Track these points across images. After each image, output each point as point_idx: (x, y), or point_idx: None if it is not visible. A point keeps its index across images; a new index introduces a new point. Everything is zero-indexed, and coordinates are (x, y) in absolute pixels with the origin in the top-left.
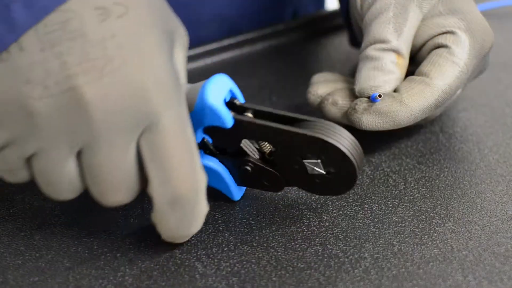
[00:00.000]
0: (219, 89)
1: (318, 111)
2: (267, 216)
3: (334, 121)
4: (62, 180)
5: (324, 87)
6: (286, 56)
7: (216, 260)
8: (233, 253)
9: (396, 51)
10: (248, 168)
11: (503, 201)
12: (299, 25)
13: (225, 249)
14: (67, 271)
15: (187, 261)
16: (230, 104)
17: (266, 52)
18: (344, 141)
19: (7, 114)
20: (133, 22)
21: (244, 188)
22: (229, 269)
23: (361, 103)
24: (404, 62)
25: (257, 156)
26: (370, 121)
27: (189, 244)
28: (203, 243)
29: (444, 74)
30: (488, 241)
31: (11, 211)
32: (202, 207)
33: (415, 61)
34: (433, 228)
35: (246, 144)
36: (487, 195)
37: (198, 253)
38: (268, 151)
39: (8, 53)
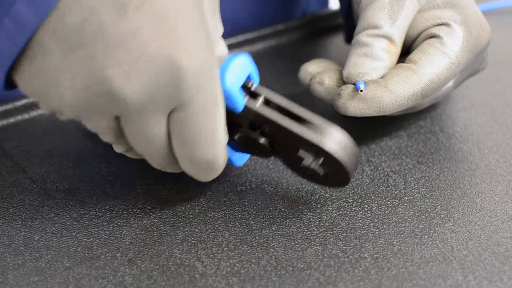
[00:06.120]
0: (239, 72)
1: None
2: (267, 216)
3: (320, 100)
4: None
5: (315, 65)
6: (286, 56)
7: (216, 260)
8: (233, 253)
9: (388, 38)
10: (242, 139)
11: (503, 201)
12: (299, 25)
13: (225, 249)
14: (67, 271)
15: (187, 261)
16: (245, 87)
17: (266, 52)
18: (343, 150)
19: (42, 103)
20: (154, 10)
21: (247, 156)
22: (229, 269)
23: (346, 89)
24: (396, 50)
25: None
26: (354, 107)
27: (189, 244)
28: (203, 243)
29: (433, 63)
30: (488, 241)
31: (11, 211)
32: (222, 161)
33: (410, 52)
34: (433, 228)
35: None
36: (487, 195)
37: (198, 253)
38: (267, 135)
39: (34, 54)
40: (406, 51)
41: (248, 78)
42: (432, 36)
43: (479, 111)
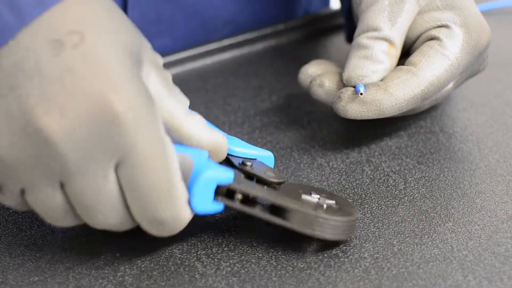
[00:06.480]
0: (206, 190)
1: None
2: None
3: (320, 103)
4: (56, 211)
5: (315, 67)
6: (286, 56)
7: (216, 260)
8: (233, 253)
9: (388, 40)
10: None
11: (503, 201)
12: (299, 25)
13: (225, 249)
14: (67, 271)
15: (187, 261)
16: (220, 187)
17: (266, 52)
18: (333, 232)
19: None
20: (91, 50)
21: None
22: (229, 269)
23: (346, 92)
24: (396, 52)
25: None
26: (354, 109)
27: (189, 244)
28: (203, 243)
29: (433, 66)
30: (488, 241)
31: (11, 211)
32: (185, 219)
33: (410, 54)
34: (433, 228)
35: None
36: (487, 195)
37: (198, 253)
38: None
39: None
40: (406, 53)
41: (219, 184)
42: (432, 38)
43: (479, 111)
